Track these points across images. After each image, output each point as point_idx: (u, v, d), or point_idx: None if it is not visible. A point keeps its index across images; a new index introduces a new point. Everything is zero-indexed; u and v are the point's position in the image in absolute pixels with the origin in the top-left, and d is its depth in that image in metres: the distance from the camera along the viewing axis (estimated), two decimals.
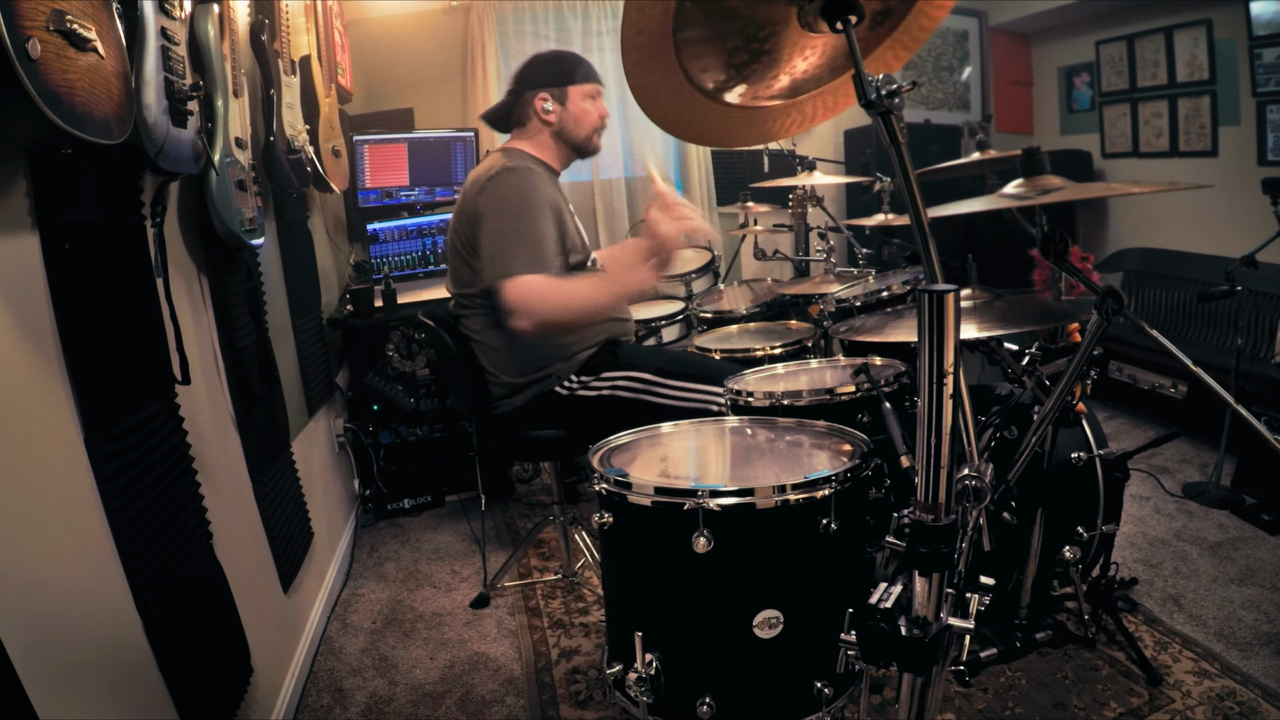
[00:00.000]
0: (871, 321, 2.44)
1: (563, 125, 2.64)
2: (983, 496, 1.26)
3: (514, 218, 2.41)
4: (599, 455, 1.76)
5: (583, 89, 2.63)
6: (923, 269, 1.28)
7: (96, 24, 1.32)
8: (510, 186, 2.44)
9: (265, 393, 2.50)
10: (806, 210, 4.05)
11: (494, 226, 2.41)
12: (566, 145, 2.68)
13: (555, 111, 2.62)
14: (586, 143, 2.68)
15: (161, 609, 1.63)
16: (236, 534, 2.20)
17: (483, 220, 2.42)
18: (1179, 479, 3.58)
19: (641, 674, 1.51)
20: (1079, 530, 2.30)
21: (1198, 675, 2.29)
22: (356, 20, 4.74)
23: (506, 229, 2.40)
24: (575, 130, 2.65)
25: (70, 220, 1.49)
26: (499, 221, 2.41)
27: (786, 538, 1.52)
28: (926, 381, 1.06)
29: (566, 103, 2.62)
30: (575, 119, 2.64)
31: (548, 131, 2.65)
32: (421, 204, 4.54)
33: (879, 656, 1.12)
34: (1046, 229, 2.02)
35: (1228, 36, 4.54)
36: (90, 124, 1.29)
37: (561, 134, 2.65)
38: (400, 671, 2.67)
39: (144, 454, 1.67)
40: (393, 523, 3.93)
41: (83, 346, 1.50)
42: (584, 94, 2.63)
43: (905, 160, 1.23)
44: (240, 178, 2.12)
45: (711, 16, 1.33)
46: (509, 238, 2.39)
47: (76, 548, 1.44)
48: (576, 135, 2.66)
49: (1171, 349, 1.79)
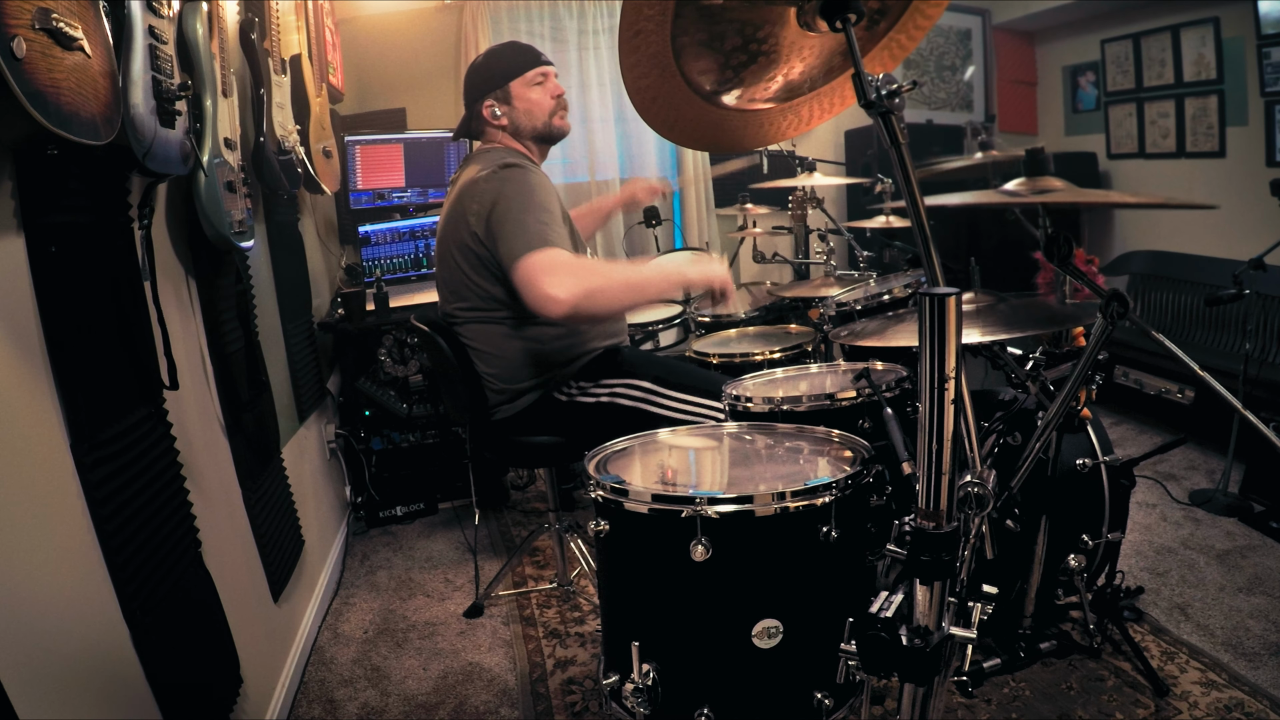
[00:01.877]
0: (872, 325, 2.44)
1: (515, 124, 2.63)
2: (985, 503, 1.26)
3: (533, 203, 2.37)
4: (595, 461, 1.76)
5: (524, 79, 2.60)
6: (924, 272, 1.29)
7: (83, 22, 1.32)
8: (519, 177, 2.42)
9: (254, 398, 2.50)
10: (806, 212, 4.06)
11: (507, 212, 2.35)
12: (530, 138, 2.66)
13: (504, 113, 2.61)
14: (547, 130, 2.65)
15: (149, 618, 1.63)
16: (225, 542, 2.19)
17: (493, 212, 2.36)
18: (1186, 486, 3.59)
19: (638, 685, 1.51)
20: (1084, 538, 2.30)
21: (1205, 686, 2.29)
22: (348, 19, 4.75)
23: (521, 212, 2.35)
24: (530, 122, 2.63)
25: (56, 222, 1.49)
26: (512, 207, 2.35)
27: (786, 546, 1.52)
28: (928, 386, 1.06)
29: (512, 101, 2.61)
30: (525, 112, 2.62)
31: (505, 134, 2.65)
32: (414, 206, 4.54)
33: (880, 667, 1.13)
34: (1051, 231, 2.02)
35: (1236, 35, 4.56)
36: (77, 124, 1.29)
37: (518, 132, 2.64)
38: (392, 682, 2.67)
39: (131, 460, 1.67)
40: (385, 530, 3.92)
41: (69, 351, 1.50)
42: (527, 84, 2.61)
43: (906, 161, 1.23)
44: (229, 179, 2.12)
45: (710, 17, 1.34)
46: (526, 219, 2.34)
47: (62, 556, 1.44)
48: (534, 127, 2.63)
49: (1178, 353, 1.79)
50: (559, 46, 5.24)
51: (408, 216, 4.44)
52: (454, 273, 2.54)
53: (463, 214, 2.45)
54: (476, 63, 2.68)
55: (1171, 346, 1.79)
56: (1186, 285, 4.68)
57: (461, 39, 5.07)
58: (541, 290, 2.20)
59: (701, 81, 1.44)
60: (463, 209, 2.45)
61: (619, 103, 5.44)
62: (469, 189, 2.45)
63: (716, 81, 1.46)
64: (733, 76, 1.45)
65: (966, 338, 1.95)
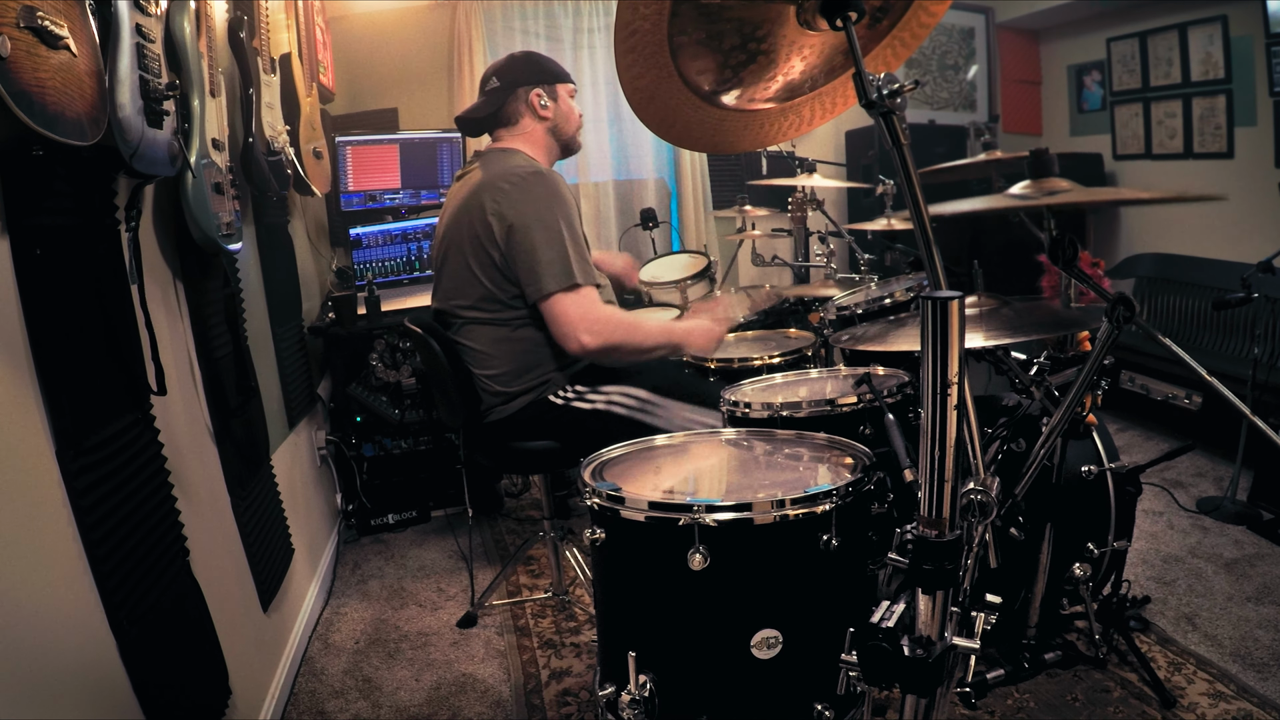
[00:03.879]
0: (874, 330, 2.44)
1: (556, 122, 2.71)
2: (989, 511, 1.26)
3: (563, 225, 2.43)
4: (591, 469, 1.76)
5: (567, 87, 2.73)
6: (926, 275, 1.29)
7: (69, 21, 1.33)
8: (546, 192, 2.45)
9: (243, 404, 2.49)
10: (806, 214, 4.06)
11: (541, 237, 2.40)
12: (558, 143, 2.75)
13: (550, 107, 2.67)
14: (572, 141, 2.78)
15: (136, 628, 1.63)
16: (214, 550, 2.19)
17: (525, 221, 2.40)
18: (1193, 493, 3.60)
19: (635, 696, 1.51)
20: (1089, 546, 2.31)
21: (1213, 697, 2.30)
22: (338, 17, 4.76)
23: (557, 237, 2.41)
24: (565, 127, 2.73)
25: (41, 224, 1.49)
26: (546, 230, 2.41)
27: (785, 554, 1.52)
28: (930, 392, 1.07)
29: (558, 100, 2.69)
30: (565, 116, 2.72)
31: (543, 128, 2.69)
32: (407, 208, 4.55)
33: (881, 678, 1.13)
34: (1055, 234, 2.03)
35: (1244, 34, 4.57)
36: (62, 124, 1.29)
37: (555, 130, 2.71)
38: (384, 693, 2.67)
39: (118, 467, 1.66)
40: (376, 539, 3.92)
41: (54, 356, 1.50)
42: (568, 92, 2.74)
43: (908, 162, 1.24)
44: (218, 180, 2.12)
45: (708, 15, 1.34)
46: (561, 247, 2.40)
47: (47, 565, 1.44)
48: (567, 132, 2.74)
49: (1185, 358, 1.79)
50: (554, 45, 5.26)
51: (399, 219, 4.44)
52: (459, 269, 2.55)
53: (480, 210, 2.45)
54: (521, 54, 2.73)
55: (1178, 351, 1.79)
56: (1194, 288, 4.69)
57: (454, 38, 5.09)
58: (573, 335, 2.41)
59: (700, 81, 1.45)
60: (480, 205, 2.45)
61: (615, 103, 5.46)
62: (491, 185, 2.46)
63: (715, 81, 1.46)
64: (732, 76, 1.46)
65: (969, 342, 1.95)
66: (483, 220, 2.44)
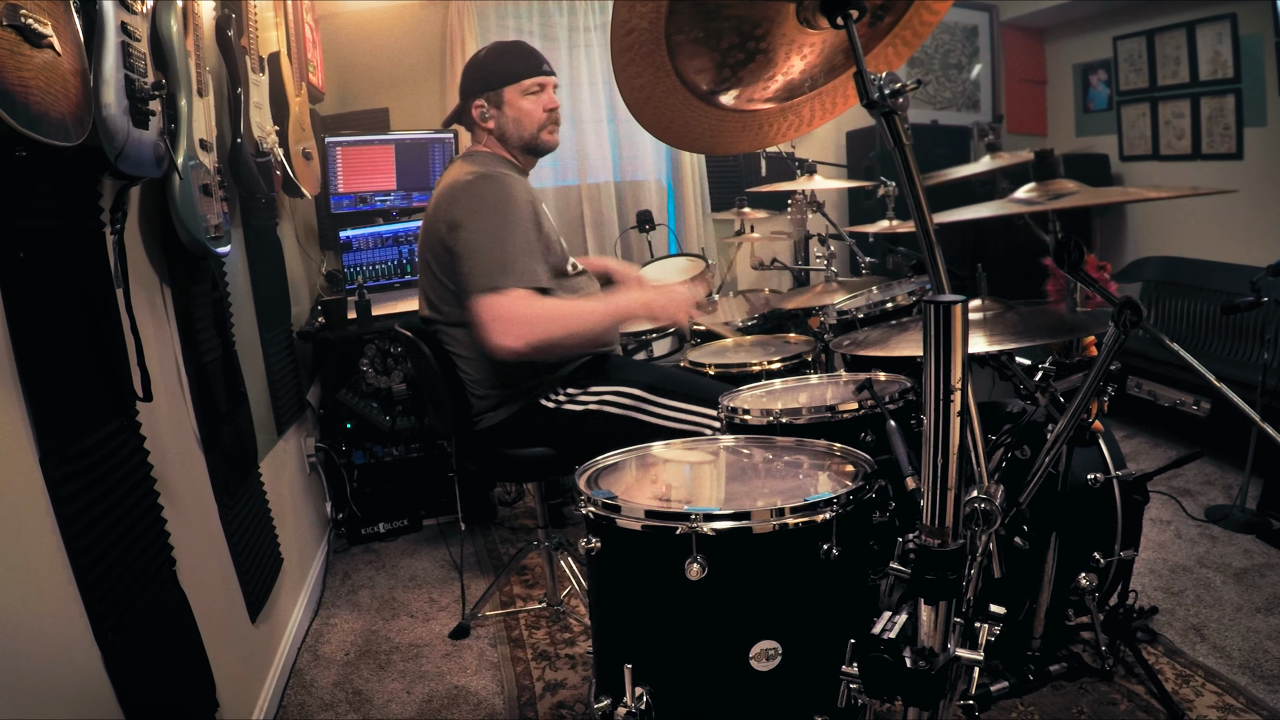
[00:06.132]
0: (875, 335, 2.45)
1: (502, 130, 2.66)
2: (993, 520, 1.27)
3: (496, 226, 2.41)
4: (586, 476, 1.76)
5: (520, 86, 2.62)
6: (929, 279, 1.30)
7: (53, 19, 1.33)
8: (487, 193, 2.46)
9: (231, 410, 2.50)
10: (806, 216, 4.07)
11: (473, 238, 2.41)
12: (516, 146, 2.69)
13: (492, 117, 2.65)
14: (534, 141, 2.68)
15: (122, 640, 1.63)
16: (201, 560, 2.19)
17: (460, 230, 2.42)
18: (1202, 502, 3.60)
19: (631, 709, 1.51)
20: (1095, 556, 2.31)
21: (1222, 710, 2.30)
22: (328, 15, 4.75)
23: (488, 239, 2.40)
24: (518, 132, 2.66)
25: (25, 227, 1.49)
26: (479, 232, 2.41)
27: (785, 564, 1.52)
28: (933, 398, 1.07)
29: (503, 106, 2.63)
30: (515, 120, 2.64)
31: (491, 137, 2.68)
32: (398, 210, 4.55)
33: (883, 690, 1.13)
34: (1061, 236, 2.03)
35: (1253, 32, 4.57)
36: (46, 125, 1.29)
37: (504, 139, 2.67)
38: (375, 706, 2.66)
39: (103, 475, 1.66)
40: (367, 548, 3.91)
41: (38, 361, 1.50)
42: (522, 91, 2.63)
43: (910, 163, 1.24)
44: (205, 182, 2.13)
45: (706, 14, 1.34)
46: (492, 248, 2.39)
47: (30, 575, 1.44)
48: (521, 136, 2.66)
49: (1193, 364, 1.80)
50: (549, 44, 5.26)
51: (390, 221, 4.44)
52: (431, 279, 2.59)
53: (436, 214, 2.51)
54: (478, 56, 2.71)
55: (1186, 356, 1.80)
56: (1202, 292, 4.69)
57: (447, 37, 5.09)
58: (489, 339, 2.35)
59: (698, 81, 1.45)
60: (437, 209, 2.51)
61: (612, 103, 5.46)
62: (446, 194, 2.51)
63: (713, 81, 1.47)
64: (730, 76, 1.46)
65: (973, 347, 1.95)
66: (438, 224, 2.49)
